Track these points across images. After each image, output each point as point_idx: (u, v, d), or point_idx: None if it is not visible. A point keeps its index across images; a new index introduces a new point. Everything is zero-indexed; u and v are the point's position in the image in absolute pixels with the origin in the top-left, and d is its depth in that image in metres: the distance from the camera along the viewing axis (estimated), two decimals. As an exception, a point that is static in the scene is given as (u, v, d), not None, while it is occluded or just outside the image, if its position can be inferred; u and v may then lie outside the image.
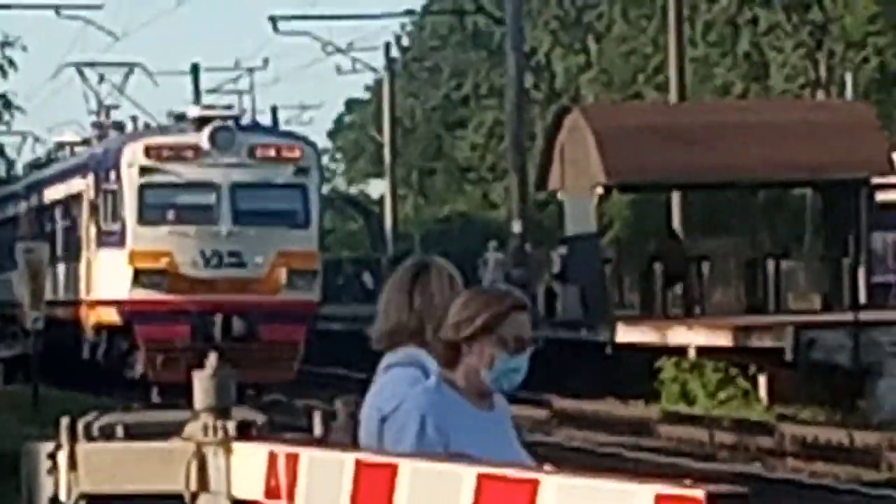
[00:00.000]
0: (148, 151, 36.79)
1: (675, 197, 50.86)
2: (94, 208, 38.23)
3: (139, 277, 36.20)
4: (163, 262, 36.05)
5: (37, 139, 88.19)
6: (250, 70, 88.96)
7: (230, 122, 37.43)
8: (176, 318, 35.62)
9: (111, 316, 37.20)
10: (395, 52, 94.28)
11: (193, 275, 36.11)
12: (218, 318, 35.53)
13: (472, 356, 6.69)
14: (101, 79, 57.91)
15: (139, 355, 36.65)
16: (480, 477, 5.46)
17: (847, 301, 38.07)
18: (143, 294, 36.17)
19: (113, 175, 37.07)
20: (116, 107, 52.20)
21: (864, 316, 36.39)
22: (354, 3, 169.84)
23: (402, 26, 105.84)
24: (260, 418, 7.19)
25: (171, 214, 36.57)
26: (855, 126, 43.79)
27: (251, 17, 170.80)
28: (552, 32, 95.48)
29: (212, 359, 7.16)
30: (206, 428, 6.94)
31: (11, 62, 28.03)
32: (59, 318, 41.70)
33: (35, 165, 54.92)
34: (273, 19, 67.62)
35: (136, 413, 7.78)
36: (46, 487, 7.31)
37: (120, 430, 7.32)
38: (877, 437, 29.32)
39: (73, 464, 7.14)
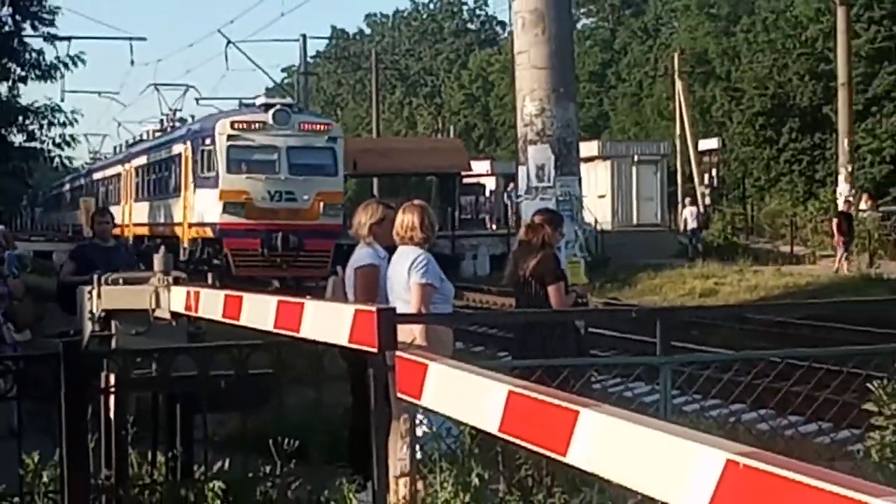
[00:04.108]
0: (233, 125, 29.47)
1: (375, 180, 50.75)
2: (194, 163, 30.39)
3: (227, 207, 28.80)
4: (242, 198, 28.63)
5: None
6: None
7: (286, 107, 30.22)
8: (251, 234, 28.32)
9: (207, 233, 29.54)
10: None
11: (262, 206, 28.57)
12: (278, 235, 28.32)
13: None
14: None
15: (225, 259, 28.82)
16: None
17: (450, 226, 38.34)
18: (229, 218, 28.72)
19: (209, 140, 29.65)
20: (179, 109, 41.58)
21: (457, 233, 36.95)
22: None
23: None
24: (183, 275, 7.13)
25: (247, 166, 29.01)
26: (453, 150, 44.49)
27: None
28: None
29: (162, 249, 7.09)
30: (159, 279, 6.91)
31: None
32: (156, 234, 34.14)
33: (130, 144, 43.78)
34: (197, 100, 64.28)
35: (129, 273, 7.69)
36: (87, 306, 7.26)
37: (121, 281, 7.25)
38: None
39: (98, 295, 7.10)
